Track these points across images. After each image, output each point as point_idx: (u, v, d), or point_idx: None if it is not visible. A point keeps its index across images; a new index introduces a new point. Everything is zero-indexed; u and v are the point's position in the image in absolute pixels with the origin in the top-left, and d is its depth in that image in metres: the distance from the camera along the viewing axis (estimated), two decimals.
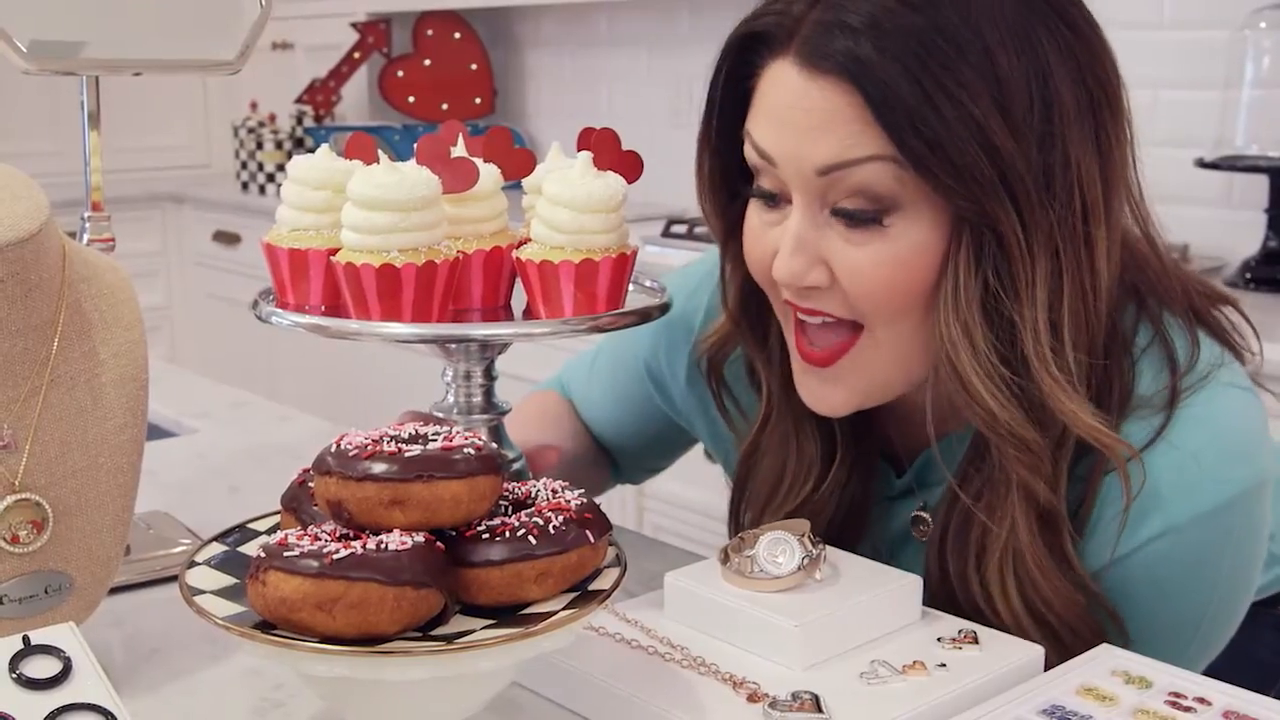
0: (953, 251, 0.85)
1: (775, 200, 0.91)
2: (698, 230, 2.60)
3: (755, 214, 0.93)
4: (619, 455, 1.25)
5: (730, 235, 0.98)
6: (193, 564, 0.77)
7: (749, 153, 0.91)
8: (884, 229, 0.86)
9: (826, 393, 0.93)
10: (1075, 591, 0.88)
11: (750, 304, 1.00)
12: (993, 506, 0.89)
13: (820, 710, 0.76)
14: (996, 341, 0.85)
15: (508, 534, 0.72)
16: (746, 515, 1.06)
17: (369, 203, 0.90)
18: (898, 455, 1.02)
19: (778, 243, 0.90)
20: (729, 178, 0.97)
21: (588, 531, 0.74)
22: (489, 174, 0.97)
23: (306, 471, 0.79)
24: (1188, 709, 0.75)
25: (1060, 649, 0.87)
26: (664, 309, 1.00)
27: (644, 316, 0.98)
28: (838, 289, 0.88)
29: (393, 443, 0.72)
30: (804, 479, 1.00)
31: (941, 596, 0.92)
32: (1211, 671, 0.91)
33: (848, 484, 1.00)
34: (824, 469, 1.00)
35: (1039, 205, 0.84)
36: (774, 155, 0.88)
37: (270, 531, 0.81)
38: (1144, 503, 0.87)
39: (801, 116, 0.86)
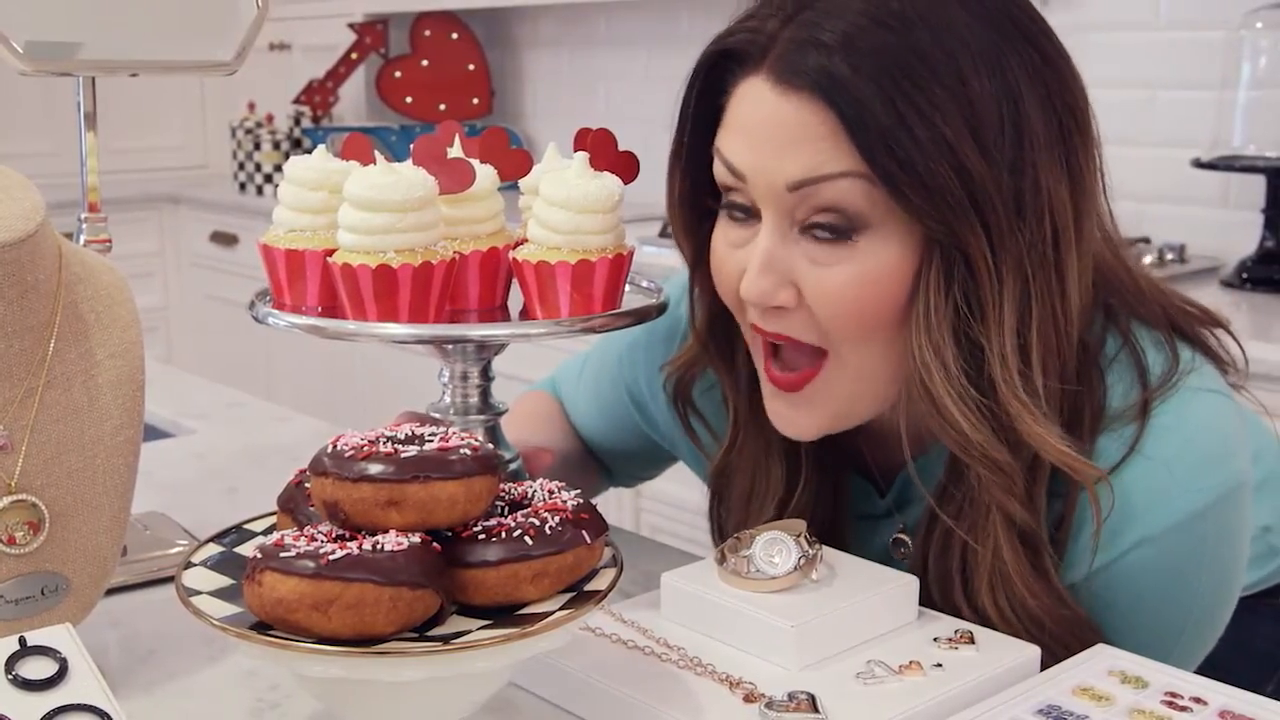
0: (923, 273, 0.85)
1: (745, 215, 0.90)
2: None
3: (723, 234, 0.93)
4: (607, 461, 1.25)
5: (699, 256, 0.98)
6: (189, 565, 0.77)
7: (718, 170, 0.91)
8: (853, 248, 0.85)
9: (795, 416, 0.93)
10: (1060, 607, 0.88)
11: (718, 326, 1.00)
12: (975, 527, 0.88)
13: (816, 710, 0.76)
14: (965, 364, 0.85)
15: (504, 534, 0.72)
16: (726, 530, 1.06)
17: (365, 203, 0.90)
18: (876, 476, 1.02)
19: (745, 263, 0.89)
20: (699, 197, 0.96)
21: (584, 532, 0.74)
22: (485, 175, 0.97)
23: (303, 472, 0.79)
24: (1184, 708, 0.75)
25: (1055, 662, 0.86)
26: (661, 309, 1.00)
27: (640, 317, 0.98)
28: (804, 310, 0.88)
29: (389, 443, 0.72)
30: (771, 503, 1.00)
31: None
32: (1210, 662, 0.91)
33: (816, 507, 1.00)
34: (787, 495, 1.00)
35: (1009, 230, 0.83)
36: (744, 171, 0.88)
37: (267, 532, 0.81)
38: (1119, 515, 0.87)
39: (774, 133, 0.86)
